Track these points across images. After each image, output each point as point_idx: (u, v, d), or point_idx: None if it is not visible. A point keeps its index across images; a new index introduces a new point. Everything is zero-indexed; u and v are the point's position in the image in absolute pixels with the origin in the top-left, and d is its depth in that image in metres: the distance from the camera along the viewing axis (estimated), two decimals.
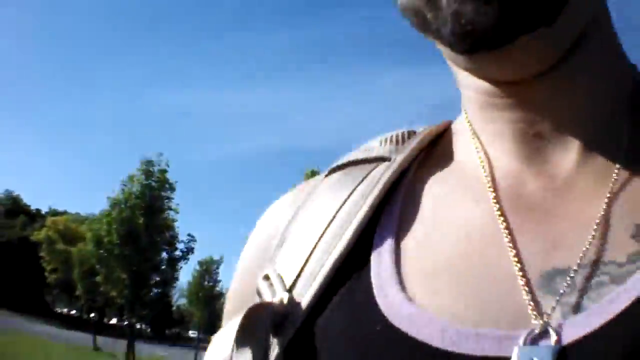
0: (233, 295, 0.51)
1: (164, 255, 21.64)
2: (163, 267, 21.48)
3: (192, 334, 52.15)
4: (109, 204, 20.46)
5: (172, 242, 21.63)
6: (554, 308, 0.34)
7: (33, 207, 55.73)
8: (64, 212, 48.73)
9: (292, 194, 0.52)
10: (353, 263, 0.41)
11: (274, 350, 0.41)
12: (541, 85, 0.38)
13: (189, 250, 22.06)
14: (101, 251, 19.87)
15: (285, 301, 0.41)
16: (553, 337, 0.33)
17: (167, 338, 54.09)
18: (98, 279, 20.57)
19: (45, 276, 38.68)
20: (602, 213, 0.36)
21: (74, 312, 53.14)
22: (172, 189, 20.86)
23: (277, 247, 0.46)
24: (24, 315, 40.56)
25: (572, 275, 0.35)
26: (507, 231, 0.38)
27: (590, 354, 0.32)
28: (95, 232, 20.50)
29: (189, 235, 23.20)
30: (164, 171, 20.72)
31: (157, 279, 21.17)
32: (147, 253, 20.16)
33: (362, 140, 0.51)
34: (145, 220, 19.87)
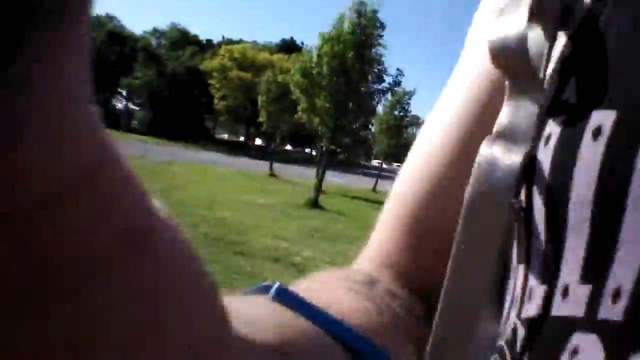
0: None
1: (372, 86, 23.45)
2: (369, 97, 23.33)
3: (375, 162, 51.42)
4: (320, 40, 22.22)
5: (380, 75, 23.28)
6: None
7: (203, 39, 55.02)
8: (239, 41, 49.15)
9: None
10: None
11: (560, 40, 0.34)
12: None
13: (396, 84, 23.71)
14: (306, 81, 21.97)
15: None
16: None
17: (341, 164, 47.94)
18: (301, 107, 22.59)
19: (213, 103, 41.17)
20: None
21: (241, 139, 53.80)
22: (383, 27, 22.17)
23: None
24: (187, 144, 40.23)
25: None
26: None
27: None
28: (302, 65, 22.53)
29: (397, 69, 24.88)
30: (374, 11, 22.02)
31: (360, 108, 23.08)
32: (356, 84, 22.05)
33: None
34: (355, 53, 21.56)
